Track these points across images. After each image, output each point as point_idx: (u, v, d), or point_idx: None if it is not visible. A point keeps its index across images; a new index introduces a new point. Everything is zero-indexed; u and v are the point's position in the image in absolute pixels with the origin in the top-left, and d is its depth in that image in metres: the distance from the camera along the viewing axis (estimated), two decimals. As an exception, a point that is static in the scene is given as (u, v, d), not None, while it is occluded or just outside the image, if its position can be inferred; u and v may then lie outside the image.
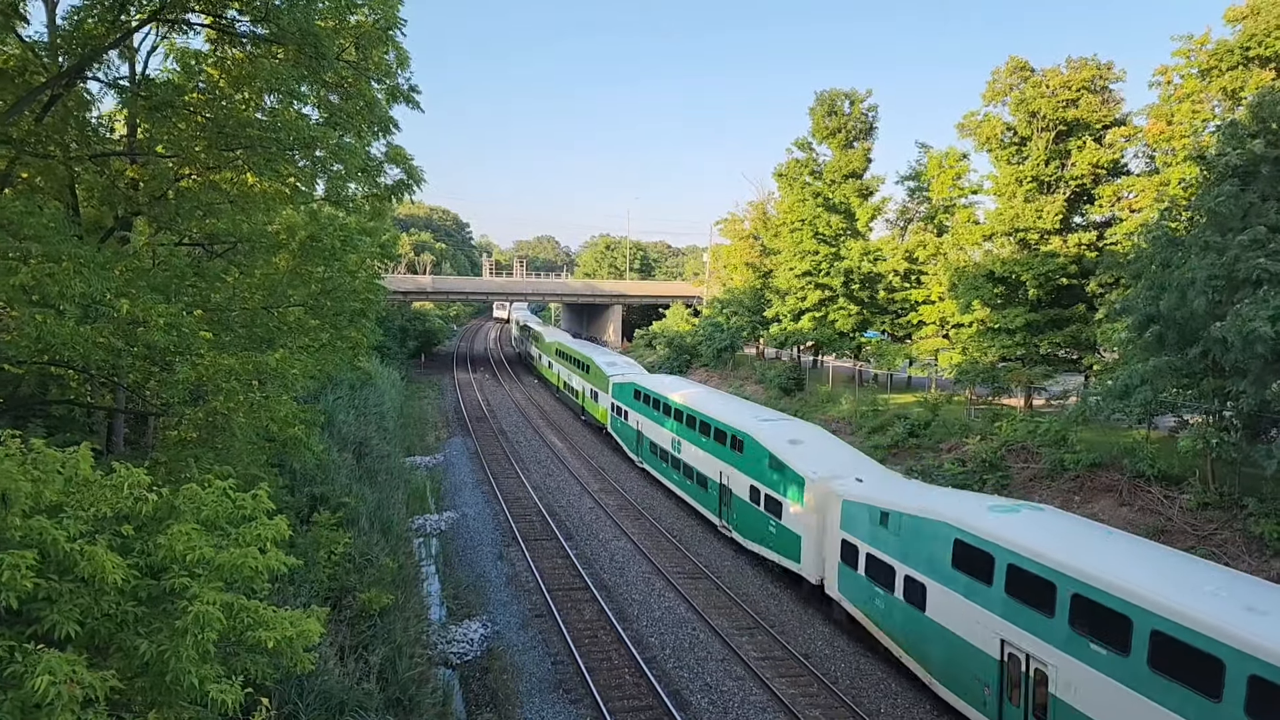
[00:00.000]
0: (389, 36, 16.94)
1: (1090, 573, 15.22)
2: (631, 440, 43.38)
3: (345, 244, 19.11)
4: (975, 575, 17.74)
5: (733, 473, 29.98)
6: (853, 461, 26.70)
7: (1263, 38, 30.82)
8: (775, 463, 26.61)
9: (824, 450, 27.15)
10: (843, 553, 22.77)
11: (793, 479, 25.52)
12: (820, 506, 24.13)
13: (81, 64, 14.48)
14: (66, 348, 11.86)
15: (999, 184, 42.69)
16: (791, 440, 27.49)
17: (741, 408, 34.74)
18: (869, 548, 21.51)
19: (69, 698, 6.82)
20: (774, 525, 26.55)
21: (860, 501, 22.17)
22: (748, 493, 28.57)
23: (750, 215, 72.97)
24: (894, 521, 20.59)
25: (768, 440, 27.76)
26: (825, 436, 29.47)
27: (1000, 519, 18.28)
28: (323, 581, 20.06)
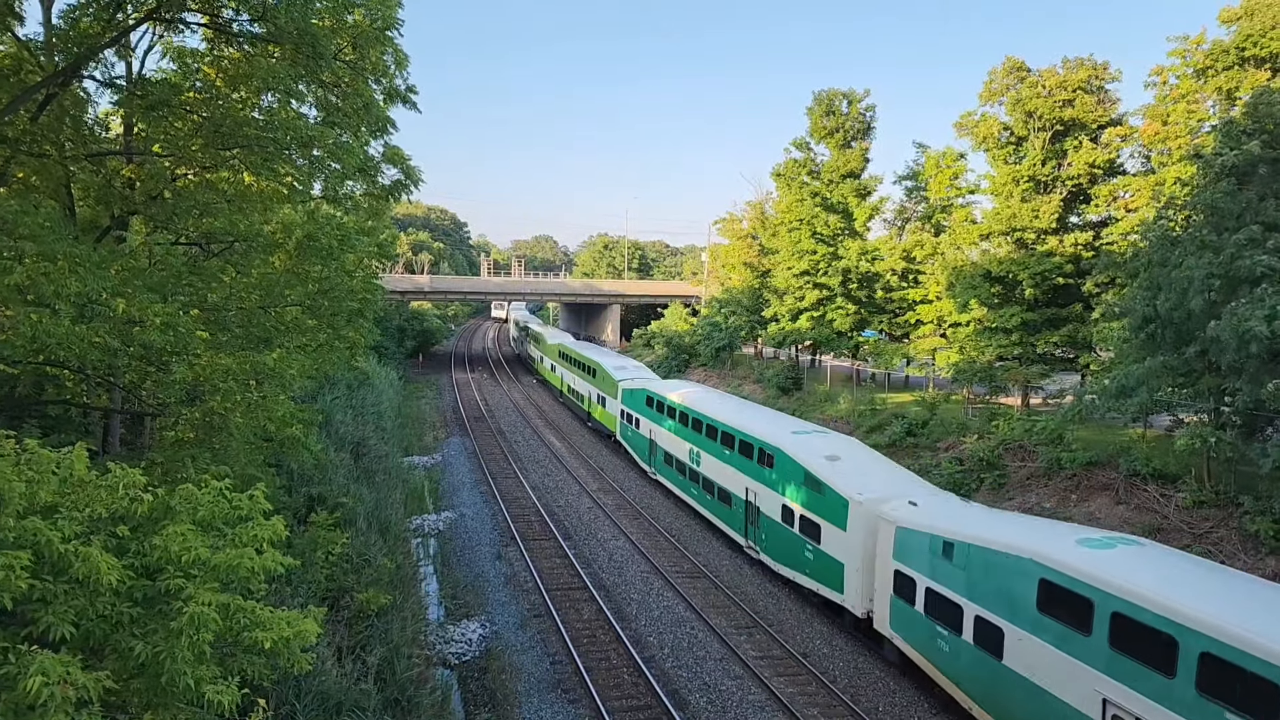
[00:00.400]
0: (387, 37, 16.93)
1: (1226, 628, 12.82)
2: (643, 450, 41.18)
3: (343, 243, 19.07)
4: (1068, 622, 15.38)
5: (761, 490, 27.57)
6: (899, 480, 24.30)
7: (1258, 38, 30.88)
8: (812, 481, 24.30)
9: (866, 467, 24.91)
10: (896, 585, 20.41)
11: (834, 501, 23.15)
12: (867, 532, 21.81)
13: (77, 63, 14.45)
14: (62, 347, 11.82)
15: (996, 184, 42.74)
16: (829, 456, 25.15)
17: (769, 418, 32.49)
18: (929, 582, 19.13)
19: (62, 699, 6.79)
20: (811, 550, 24.25)
21: (918, 529, 19.83)
22: (779, 513, 26.18)
23: (748, 215, 72.99)
24: (961, 554, 18.25)
25: (803, 456, 25.35)
26: (865, 451, 27.06)
27: (1096, 556, 15.86)
28: (320, 582, 20.03)
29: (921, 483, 24.57)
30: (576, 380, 58.01)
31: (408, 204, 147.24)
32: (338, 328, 20.76)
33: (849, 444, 27.47)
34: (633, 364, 52.03)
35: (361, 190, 18.81)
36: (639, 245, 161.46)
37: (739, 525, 29.63)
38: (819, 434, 28.74)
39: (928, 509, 20.96)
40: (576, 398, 58.14)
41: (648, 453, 40.36)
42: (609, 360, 52.48)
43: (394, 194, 19.42)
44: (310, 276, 18.79)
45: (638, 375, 47.85)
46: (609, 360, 52.48)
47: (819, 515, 23.91)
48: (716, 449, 31.50)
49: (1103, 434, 34.47)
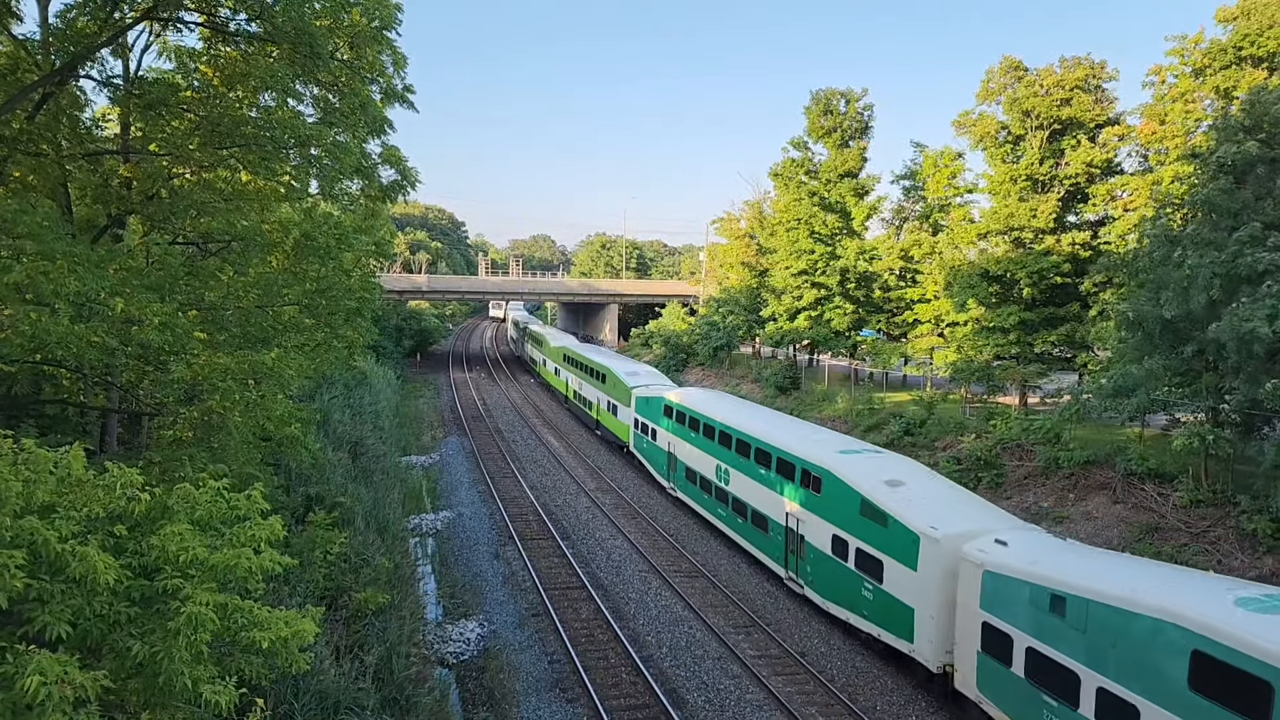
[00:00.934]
0: (384, 36, 16.94)
1: None
2: (661, 464, 37.85)
3: (340, 242, 19.07)
4: (1235, 707, 12.44)
5: (806, 516, 24.56)
6: (973, 510, 21.20)
7: (1255, 37, 30.94)
8: (872, 511, 21.44)
9: (933, 495, 21.89)
10: (985, 641, 17.44)
11: (901, 534, 20.24)
12: (944, 573, 18.85)
13: (74, 62, 14.45)
14: (60, 346, 11.82)
15: (993, 182, 42.80)
16: (890, 481, 22.26)
17: (811, 433, 29.19)
18: (1032, 641, 16.21)
19: (60, 698, 6.79)
20: (870, 589, 21.41)
21: (1014, 575, 16.82)
22: (829, 543, 23.25)
23: (746, 214, 73.03)
24: (1076, 610, 15.26)
25: (858, 480, 22.57)
26: (928, 475, 23.86)
27: (1267, 622, 12.76)
28: (318, 581, 20.02)
29: (999, 512, 21.55)
30: (584, 386, 54.98)
31: (405, 204, 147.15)
32: (335, 327, 20.75)
33: (908, 466, 24.50)
34: (646, 369, 48.92)
35: (358, 188, 18.80)
36: (637, 245, 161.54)
37: (777, 554, 26.52)
38: (871, 454, 25.84)
39: (1021, 549, 17.81)
40: (584, 404, 55.07)
41: (666, 467, 37.14)
42: (620, 365, 49.56)
43: (391, 194, 19.43)
44: (308, 276, 18.78)
45: (653, 382, 44.72)
46: (620, 365, 49.56)
47: (881, 550, 20.97)
48: (749, 467, 28.51)
49: (1100, 433, 34.53)
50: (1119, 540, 26.83)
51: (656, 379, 46.06)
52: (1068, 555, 17.54)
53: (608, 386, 48.09)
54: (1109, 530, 27.67)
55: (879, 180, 59.13)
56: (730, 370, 69.07)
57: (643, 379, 45.04)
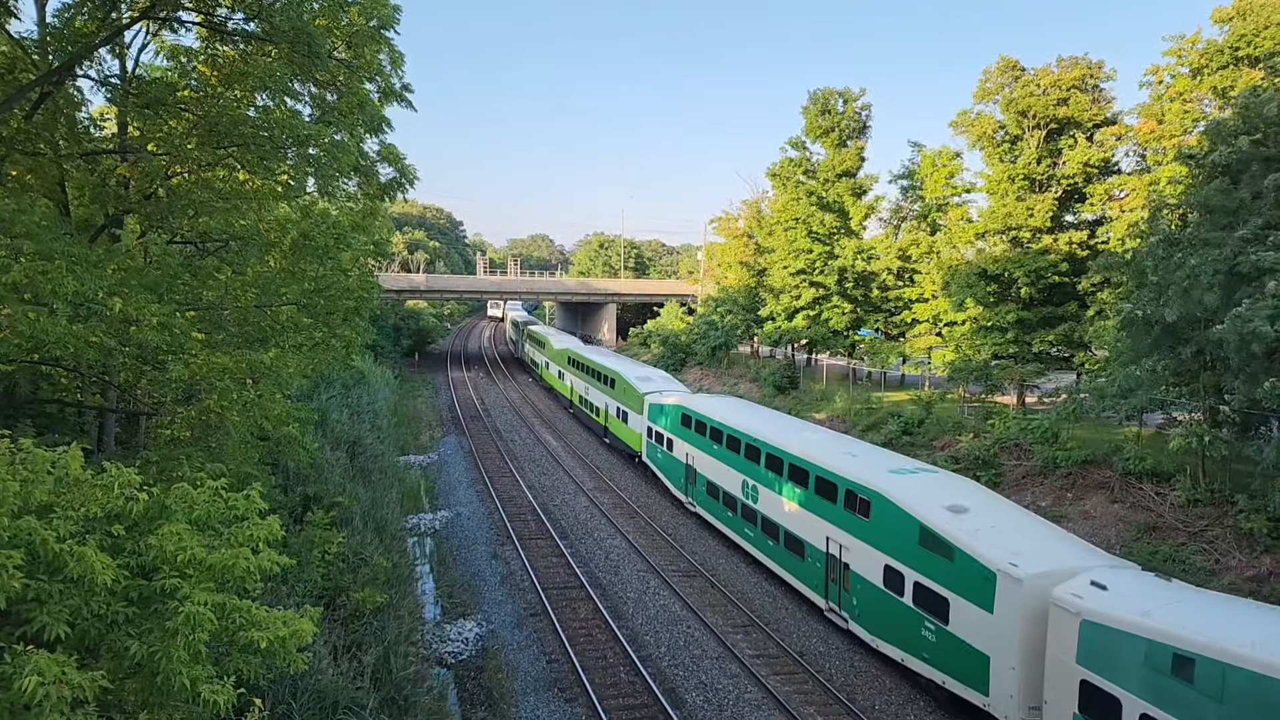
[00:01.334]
0: (382, 36, 16.93)
1: None
2: (678, 477, 35.38)
3: (339, 241, 19.08)
4: None
5: (852, 543, 22.26)
6: (1057, 543, 18.75)
7: (1251, 37, 30.99)
8: (933, 540, 19.15)
9: (1006, 524, 19.27)
10: (1084, 703, 15.20)
11: (971, 571, 17.88)
12: (1027, 618, 16.54)
13: (72, 61, 14.45)
14: (58, 346, 11.81)
15: (991, 182, 42.84)
16: (953, 508, 19.84)
17: (852, 449, 26.55)
18: (1148, 708, 13.84)
19: (58, 698, 6.79)
20: (933, 630, 19.06)
21: (1121, 628, 14.51)
22: (879, 575, 20.99)
23: (744, 214, 73.04)
24: (1209, 674, 12.90)
25: (914, 505, 20.28)
26: (995, 500, 21.39)
27: None
28: (316, 581, 20.02)
29: (1083, 545, 19.02)
30: (591, 391, 51.94)
31: (404, 203, 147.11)
32: (334, 326, 20.75)
33: (969, 489, 22.06)
34: (658, 374, 46.26)
35: (356, 187, 18.80)
36: (635, 244, 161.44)
37: (816, 583, 24.19)
38: (926, 474, 23.36)
39: (1126, 594, 15.41)
40: (590, 410, 51.96)
41: (684, 481, 34.60)
42: (630, 369, 46.81)
43: (389, 192, 19.42)
44: (306, 275, 18.79)
45: (667, 388, 42.24)
46: (630, 369, 46.81)
47: (946, 587, 18.59)
48: (782, 485, 26.18)
49: (1098, 432, 34.56)
50: (1117, 539, 26.87)
51: (670, 384, 43.65)
52: (1186, 603, 15.02)
53: (617, 392, 45.44)
54: (1107, 530, 27.71)
55: (877, 180, 59.23)
56: (728, 370, 69.08)
57: (655, 384, 42.53)
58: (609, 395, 46.98)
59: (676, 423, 35.53)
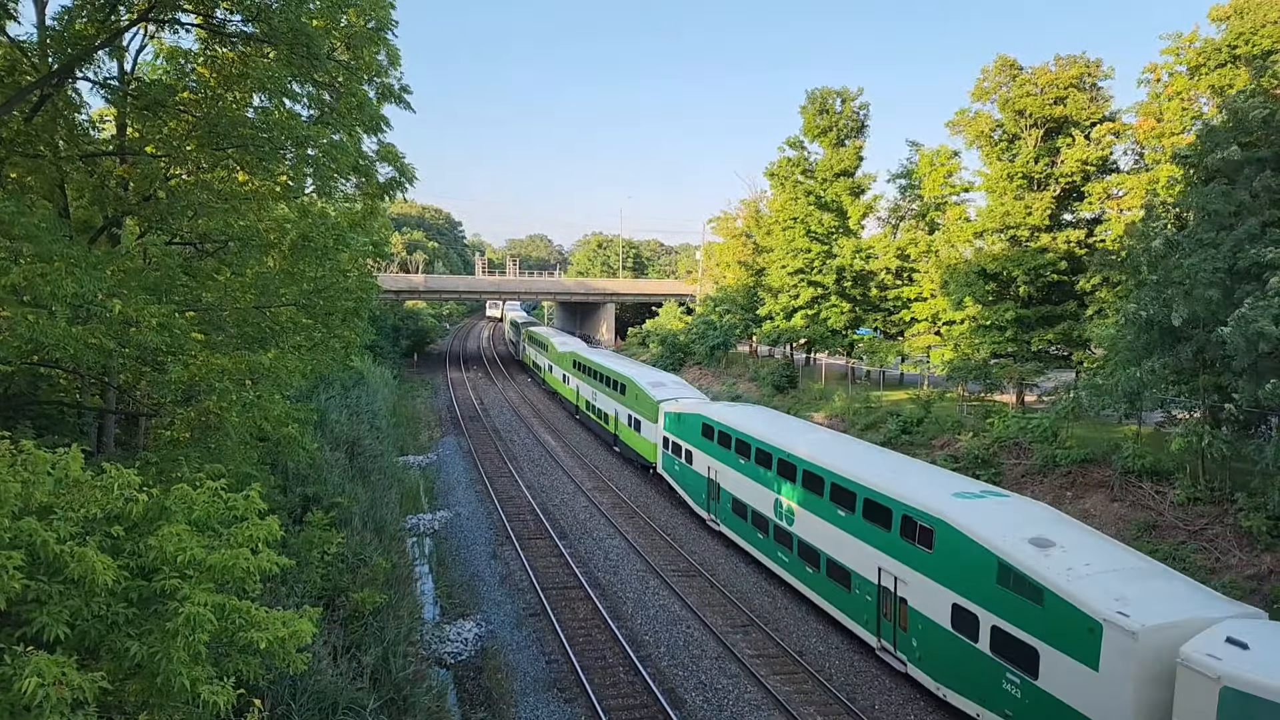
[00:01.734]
0: (381, 36, 16.94)
1: None
2: (698, 492, 33.11)
3: (338, 242, 19.09)
4: None
5: (911, 576, 19.80)
6: (1171, 587, 16.22)
7: (1249, 36, 31.03)
8: (1017, 580, 16.64)
9: (1104, 562, 16.63)
10: None
11: (1069, 619, 15.33)
12: (1145, 678, 14.16)
13: (71, 64, 14.46)
14: (58, 348, 11.83)
15: (989, 181, 42.87)
16: (1036, 540, 17.31)
17: (904, 468, 24.09)
18: None
19: (58, 700, 6.80)
20: (1017, 683, 16.57)
21: None
22: (946, 615, 18.50)
23: (743, 213, 73.05)
24: None
25: (990, 536, 17.73)
26: (1084, 531, 18.75)
27: None
28: (315, 582, 20.03)
29: (1201, 590, 16.44)
30: (599, 396, 49.39)
31: (403, 203, 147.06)
32: (333, 327, 20.77)
33: (1050, 516, 19.50)
34: (671, 379, 43.63)
35: (354, 187, 18.81)
36: (634, 244, 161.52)
37: (864, 618, 21.92)
38: (996, 498, 20.67)
39: (1273, 654, 13.05)
40: (599, 417, 49.60)
41: (706, 497, 32.22)
42: (642, 374, 43.98)
43: (389, 192, 19.42)
44: (305, 276, 18.80)
45: (682, 394, 39.70)
46: (642, 374, 43.98)
47: (1035, 635, 16.12)
48: (823, 507, 23.77)
49: (1097, 431, 34.60)
50: (1117, 538, 26.84)
51: (685, 390, 41.07)
52: None
53: (628, 399, 43.05)
54: (1107, 529, 27.73)
55: (875, 179, 59.21)
56: (727, 369, 69.12)
57: (670, 390, 40.10)
58: (619, 402, 44.71)
59: (697, 433, 33.13)
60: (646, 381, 41.56)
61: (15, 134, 14.11)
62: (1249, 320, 21.20)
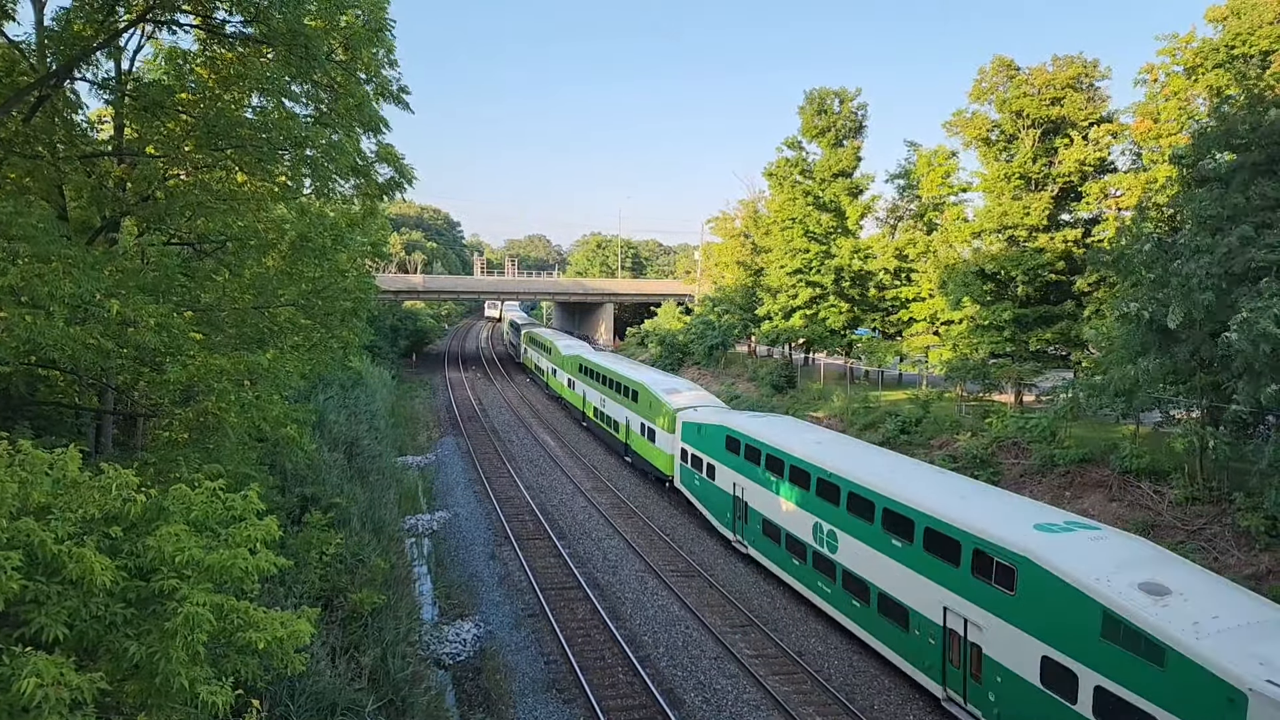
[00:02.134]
0: (379, 37, 16.92)
1: None
2: (722, 510, 30.33)
3: (336, 242, 19.08)
4: None
5: (987, 620, 17.37)
6: None
7: (1246, 36, 31.05)
8: (1128, 635, 14.23)
9: (1231, 611, 14.10)
10: None
11: (1199, 684, 13.02)
12: None
13: (70, 64, 14.45)
14: (56, 348, 11.82)
15: (987, 181, 42.86)
16: (1148, 586, 14.86)
17: (969, 491, 21.31)
18: None
19: (56, 700, 6.80)
20: None
21: None
22: (1034, 668, 16.03)
23: (741, 214, 73.06)
24: None
25: (1089, 580, 15.30)
26: (1201, 575, 16.11)
27: None
28: (314, 583, 20.04)
29: None
30: (608, 403, 46.87)
31: (401, 204, 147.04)
32: (331, 327, 20.76)
33: (1159, 557, 16.87)
34: (686, 385, 41.18)
35: (353, 189, 18.79)
36: (632, 244, 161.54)
37: (928, 663, 19.39)
38: (1087, 530, 17.89)
39: None
40: (608, 425, 46.97)
41: (731, 516, 29.52)
42: (656, 380, 41.28)
43: (387, 192, 19.40)
44: (304, 276, 18.81)
45: (700, 403, 37.13)
46: (656, 380, 41.28)
47: (1154, 701, 13.82)
48: (873, 534, 21.21)
49: (1096, 430, 34.62)
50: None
51: (703, 399, 38.43)
52: None
53: (641, 406, 40.41)
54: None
55: (873, 179, 59.23)
56: (725, 369, 69.11)
57: (686, 398, 37.66)
58: (631, 409, 42.08)
59: (720, 446, 30.41)
60: (660, 389, 39.03)
61: (13, 135, 14.08)
62: (1252, 323, 21.20)
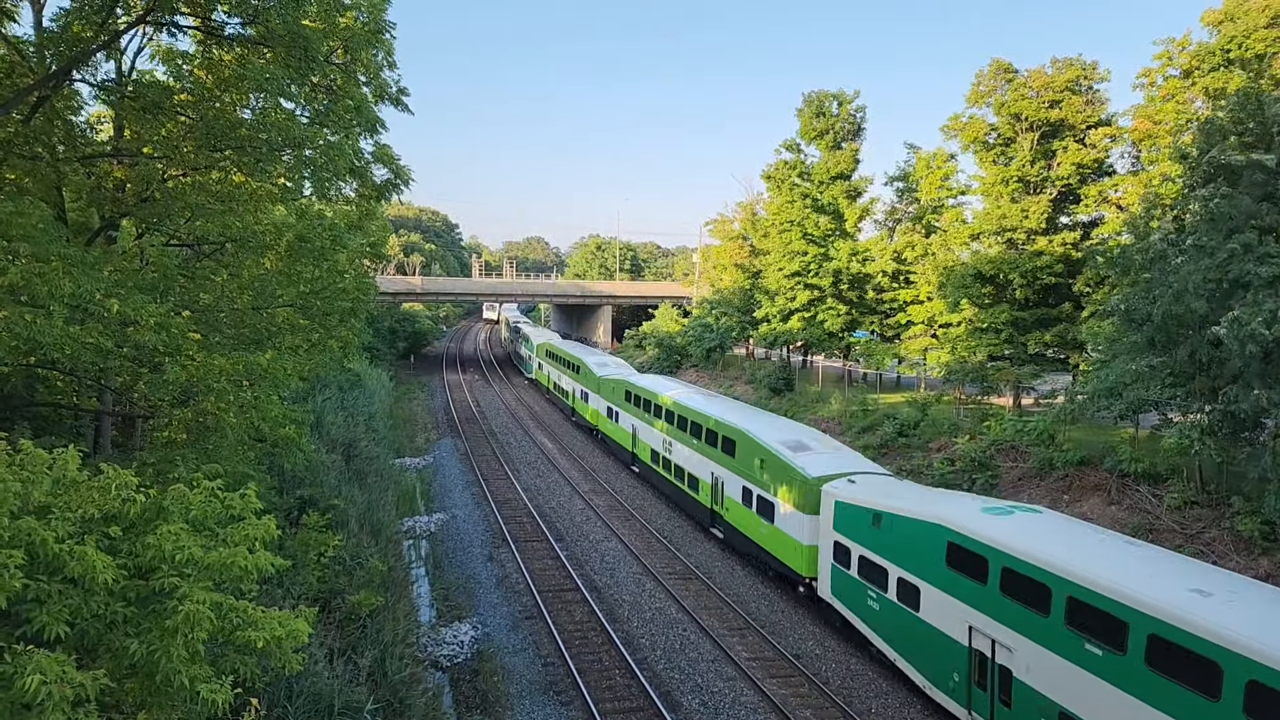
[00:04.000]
0: (379, 39, 16.95)
1: None
2: (933, 656, 19.07)
3: (335, 243, 19.09)
4: None
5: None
6: None
7: (1242, 39, 31.13)
8: None
9: None
10: None
11: None
12: None
13: (69, 66, 14.45)
14: (55, 348, 11.83)
15: (985, 184, 42.92)
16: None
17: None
18: None
19: (59, 697, 6.81)
20: None
21: None
22: None
23: (739, 216, 73.11)
24: None
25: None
26: None
27: None
28: (312, 584, 20.02)
29: None
30: (677, 447, 34.90)
31: (399, 205, 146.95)
32: (330, 328, 20.77)
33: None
34: (814, 435, 29.54)
35: (352, 190, 18.82)
36: (631, 246, 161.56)
37: None
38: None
39: None
40: (681, 480, 34.61)
41: (966, 677, 17.92)
42: (766, 429, 29.38)
43: (384, 193, 19.42)
44: (302, 277, 18.81)
45: (849, 467, 25.68)
46: (766, 429, 29.38)
47: None
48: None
49: (1094, 434, 34.66)
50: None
51: (852, 461, 26.64)
52: None
53: (742, 462, 28.87)
54: (1101, 531, 27.79)
55: (871, 182, 59.22)
56: (724, 372, 69.16)
57: (822, 455, 26.44)
58: (725, 465, 30.18)
59: (936, 559, 18.64)
60: (776, 441, 27.37)
61: (13, 135, 14.09)
62: (1242, 323, 21.24)
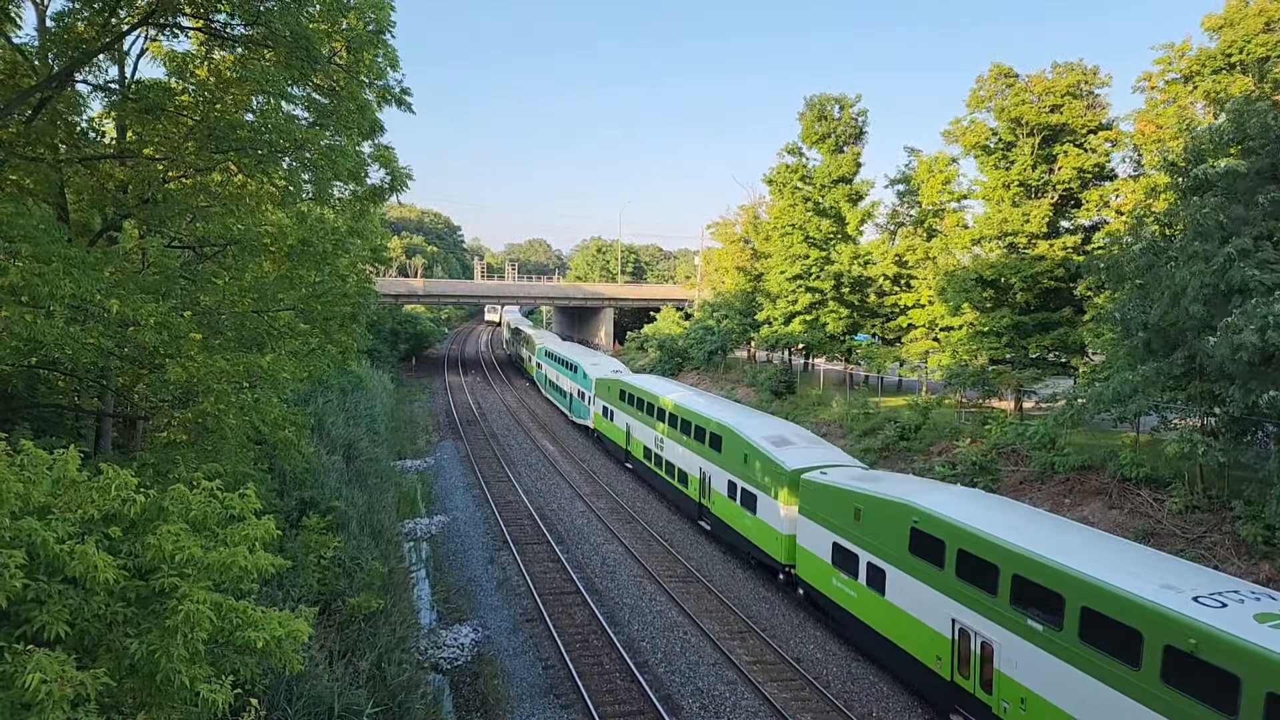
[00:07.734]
0: (381, 39, 16.96)
1: None
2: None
3: (336, 247, 19.08)
4: None
5: None
6: None
7: (1243, 44, 31.13)
8: None
9: None
10: None
11: None
12: None
13: (71, 67, 14.47)
14: (56, 348, 11.83)
15: (986, 189, 42.93)
16: None
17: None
18: None
19: (60, 697, 6.81)
20: None
21: None
22: None
23: (741, 219, 73.13)
24: None
25: None
26: None
27: None
28: (312, 586, 20.01)
29: None
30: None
31: (401, 207, 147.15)
32: (331, 332, 20.76)
33: None
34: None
35: (351, 192, 18.81)
36: (632, 249, 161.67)
37: None
38: None
39: None
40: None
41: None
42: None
43: (382, 196, 19.40)
44: (303, 280, 18.81)
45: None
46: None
47: None
48: None
49: (1095, 437, 34.63)
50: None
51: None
52: None
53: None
54: (1102, 535, 27.73)
55: (873, 185, 59.22)
56: (725, 374, 69.16)
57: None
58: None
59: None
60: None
61: (15, 136, 14.11)
62: (1235, 330, 21.21)
